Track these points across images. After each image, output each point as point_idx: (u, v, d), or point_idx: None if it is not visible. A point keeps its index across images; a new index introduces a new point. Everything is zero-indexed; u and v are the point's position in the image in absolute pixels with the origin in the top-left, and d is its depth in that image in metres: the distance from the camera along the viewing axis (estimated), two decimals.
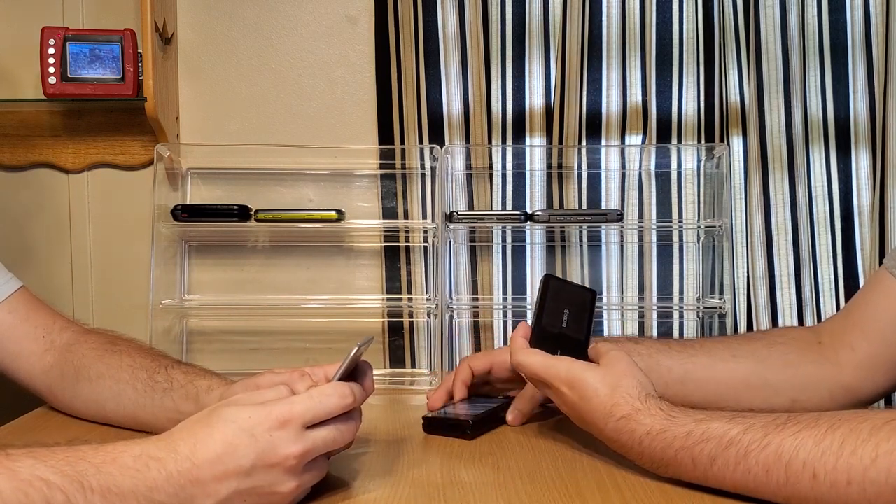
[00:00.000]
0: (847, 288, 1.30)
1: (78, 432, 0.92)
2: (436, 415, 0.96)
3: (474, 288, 1.31)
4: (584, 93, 1.29)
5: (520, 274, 1.31)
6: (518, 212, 1.25)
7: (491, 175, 1.31)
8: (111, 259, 1.35)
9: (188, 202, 1.32)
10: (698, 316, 1.31)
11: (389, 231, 1.32)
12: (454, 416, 0.95)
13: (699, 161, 1.31)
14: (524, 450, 0.87)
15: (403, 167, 1.32)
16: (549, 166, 1.31)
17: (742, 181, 1.30)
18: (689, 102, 1.29)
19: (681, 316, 1.33)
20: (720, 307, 1.25)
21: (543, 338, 0.86)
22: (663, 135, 1.30)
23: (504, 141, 1.31)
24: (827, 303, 1.30)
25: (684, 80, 1.29)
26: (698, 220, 1.31)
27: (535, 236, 1.31)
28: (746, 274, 1.29)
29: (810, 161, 1.30)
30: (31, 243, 1.35)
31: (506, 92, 1.30)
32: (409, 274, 1.32)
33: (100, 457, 0.59)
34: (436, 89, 1.30)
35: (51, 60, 1.21)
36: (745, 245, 1.29)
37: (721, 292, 1.26)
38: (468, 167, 1.31)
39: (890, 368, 0.91)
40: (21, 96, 1.31)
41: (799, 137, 1.27)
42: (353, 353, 0.72)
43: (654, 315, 1.31)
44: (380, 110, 1.31)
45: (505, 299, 1.32)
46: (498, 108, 1.30)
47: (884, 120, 1.25)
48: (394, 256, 1.32)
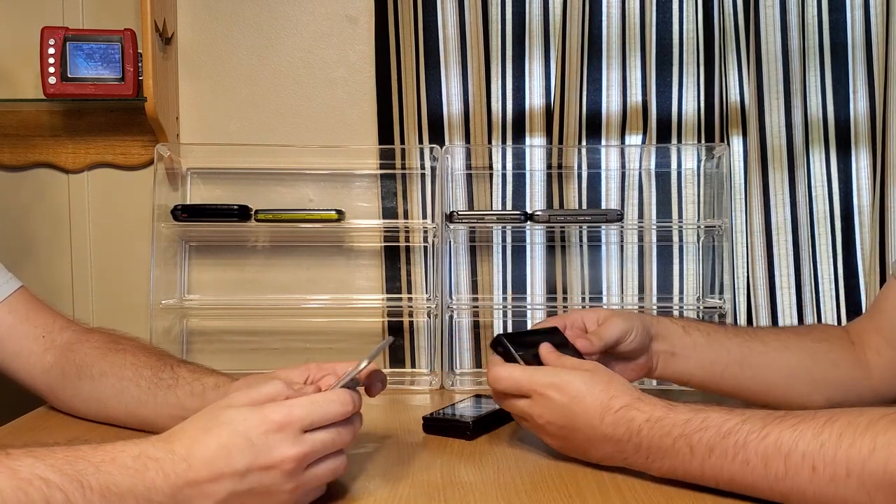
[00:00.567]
0: (847, 288, 1.30)
1: (78, 432, 0.92)
2: (436, 415, 0.96)
3: (474, 288, 1.31)
4: (584, 93, 1.29)
5: (520, 274, 1.31)
6: (518, 212, 1.25)
7: (491, 175, 1.31)
8: (111, 259, 1.35)
9: (188, 202, 1.32)
10: (698, 316, 1.31)
11: (389, 231, 1.32)
12: (454, 417, 0.95)
13: (699, 161, 1.31)
14: (524, 450, 0.87)
15: (403, 167, 1.32)
16: (549, 166, 1.31)
17: (742, 181, 1.30)
18: (689, 102, 1.29)
19: (681, 316, 1.32)
20: (720, 307, 1.25)
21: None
22: (663, 135, 1.30)
23: (504, 141, 1.31)
24: (827, 303, 1.30)
25: (684, 80, 1.29)
26: (698, 220, 1.31)
27: (535, 236, 1.31)
28: (746, 274, 1.29)
29: (810, 161, 1.30)
30: (31, 243, 1.35)
31: (506, 92, 1.30)
32: (409, 274, 1.32)
33: (99, 456, 0.59)
34: (436, 89, 1.30)
35: (51, 60, 1.21)
36: (745, 245, 1.29)
37: (721, 292, 1.26)
38: (468, 167, 1.31)
39: None
40: (21, 96, 1.31)
41: (799, 137, 1.27)
42: (365, 363, 0.72)
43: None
44: (380, 110, 1.31)
45: (505, 299, 1.32)
46: (498, 108, 1.30)
47: (884, 120, 1.25)
48: (394, 256, 1.32)
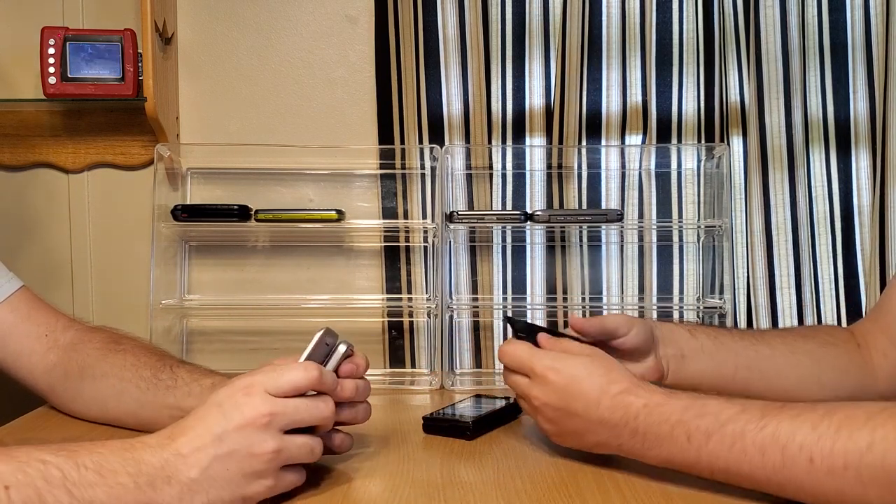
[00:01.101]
0: (847, 288, 1.30)
1: (78, 432, 0.92)
2: (436, 415, 0.96)
3: (474, 288, 1.31)
4: (584, 93, 1.29)
5: (520, 274, 1.31)
6: (518, 212, 1.25)
7: (491, 175, 1.31)
8: (111, 259, 1.35)
9: (188, 202, 1.32)
10: (698, 316, 1.31)
11: (389, 231, 1.32)
12: (454, 417, 0.95)
13: (699, 161, 1.31)
14: (524, 450, 0.87)
15: (403, 167, 1.32)
16: (549, 166, 1.31)
17: (742, 181, 1.30)
18: (689, 102, 1.29)
19: (681, 316, 1.32)
20: (720, 307, 1.25)
21: None
22: (663, 135, 1.30)
23: (504, 141, 1.31)
24: (827, 303, 1.30)
25: (684, 80, 1.29)
26: (698, 220, 1.31)
27: (535, 236, 1.31)
28: (746, 274, 1.29)
29: (810, 161, 1.30)
30: (31, 243, 1.35)
31: (506, 92, 1.30)
32: (409, 274, 1.32)
33: (90, 443, 0.63)
34: (436, 89, 1.30)
35: (51, 60, 1.21)
36: (745, 245, 1.29)
37: (721, 292, 1.26)
38: (468, 167, 1.31)
39: None
40: (21, 96, 1.31)
41: (799, 137, 1.27)
42: (317, 339, 0.74)
43: (655, 315, 1.31)
44: (380, 110, 1.31)
45: (505, 299, 1.32)
46: (498, 108, 1.30)
47: (884, 120, 1.25)
48: (394, 256, 1.32)
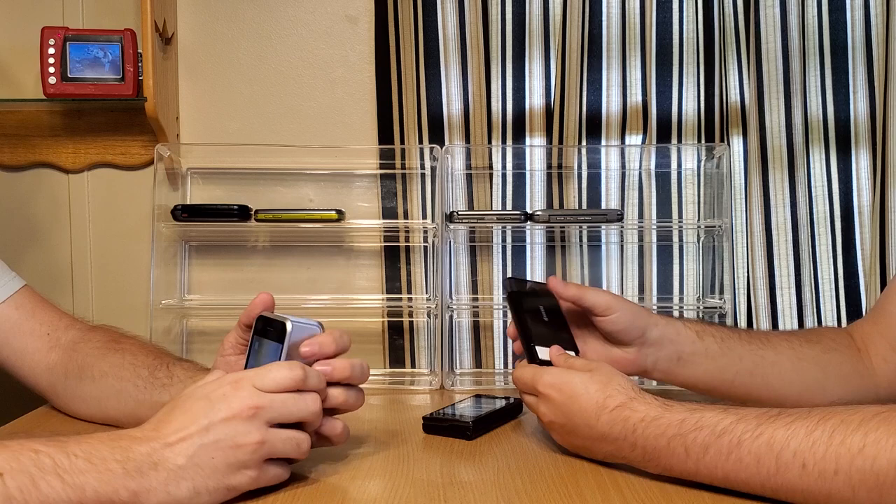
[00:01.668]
0: (847, 288, 1.30)
1: (76, 431, 0.91)
2: (436, 415, 0.96)
3: (474, 288, 1.31)
4: (584, 93, 1.29)
5: (520, 274, 1.31)
6: (518, 212, 1.25)
7: (491, 175, 1.31)
8: (111, 259, 1.35)
9: (188, 202, 1.32)
10: (698, 316, 1.31)
11: (389, 231, 1.32)
12: (454, 417, 0.95)
13: (699, 161, 1.31)
14: (524, 450, 0.87)
15: (403, 167, 1.32)
16: (549, 166, 1.31)
17: (742, 181, 1.30)
18: (689, 102, 1.29)
19: (681, 316, 1.32)
20: (720, 307, 1.25)
21: (530, 330, 0.90)
22: (663, 135, 1.30)
23: (504, 141, 1.31)
24: (827, 303, 1.30)
25: (684, 80, 1.29)
26: (698, 220, 1.30)
27: (535, 236, 1.31)
28: (746, 274, 1.29)
29: (810, 161, 1.30)
30: (31, 243, 1.35)
31: (506, 92, 1.30)
32: (409, 274, 1.31)
33: (77, 436, 0.65)
34: (436, 89, 1.30)
35: (51, 60, 1.21)
36: (745, 245, 1.29)
37: (721, 292, 1.26)
38: (468, 167, 1.31)
39: None
40: (21, 96, 1.31)
41: (799, 137, 1.27)
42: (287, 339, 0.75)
43: None
44: (380, 110, 1.31)
45: (505, 299, 1.32)
46: (498, 108, 1.30)
47: (884, 120, 1.25)
48: (394, 256, 1.32)
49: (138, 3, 1.24)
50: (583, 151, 1.31)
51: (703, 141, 1.29)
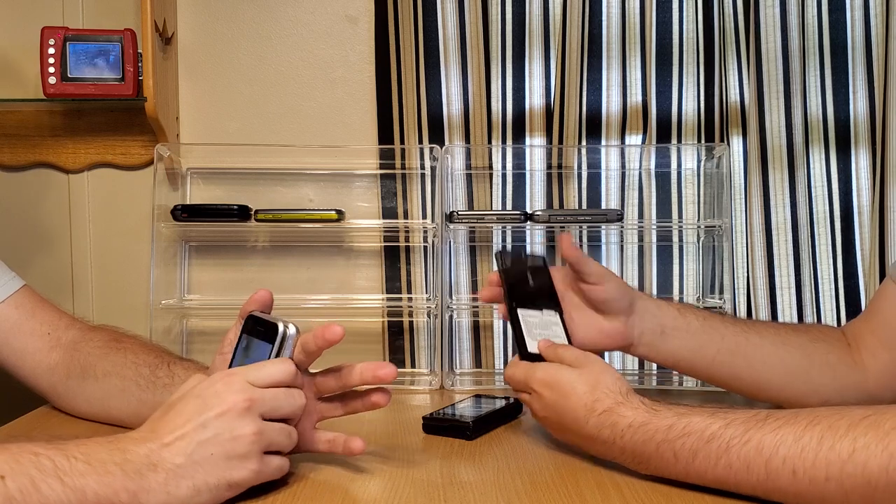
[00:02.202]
0: (847, 288, 1.30)
1: (78, 431, 0.92)
2: (436, 415, 0.96)
3: (474, 288, 1.31)
4: (584, 93, 1.29)
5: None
6: (518, 212, 1.25)
7: (491, 175, 1.31)
8: (111, 259, 1.35)
9: (188, 202, 1.32)
10: None
11: (389, 231, 1.32)
12: (454, 417, 0.95)
13: (699, 161, 1.31)
14: (524, 450, 0.87)
15: (403, 167, 1.32)
16: (549, 166, 1.31)
17: (742, 181, 1.30)
18: (689, 102, 1.29)
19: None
20: (720, 307, 1.25)
21: (518, 294, 0.91)
22: (663, 135, 1.30)
23: (504, 141, 1.31)
24: (827, 303, 1.30)
25: (684, 80, 1.29)
26: (698, 220, 1.31)
27: (535, 236, 1.31)
28: (746, 274, 1.29)
29: (810, 161, 1.30)
30: (31, 243, 1.35)
31: (506, 92, 1.30)
32: (409, 274, 1.32)
33: (76, 440, 0.65)
34: (436, 89, 1.30)
35: (51, 60, 1.21)
36: (745, 245, 1.29)
37: (721, 292, 1.26)
38: (468, 167, 1.31)
39: None
40: (21, 96, 1.31)
41: (799, 137, 1.27)
42: (290, 339, 0.74)
43: None
44: (380, 110, 1.31)
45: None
46: (498, 108, 1.30)
47: (884, 120, 1.25)
48: (394, 256, 1.32)
49: (138, 3, 1.24)
50: (583, 151, 1.31)
51: (703, 141, 1.29)
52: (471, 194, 1.31)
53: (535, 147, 1.31)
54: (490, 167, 1.31)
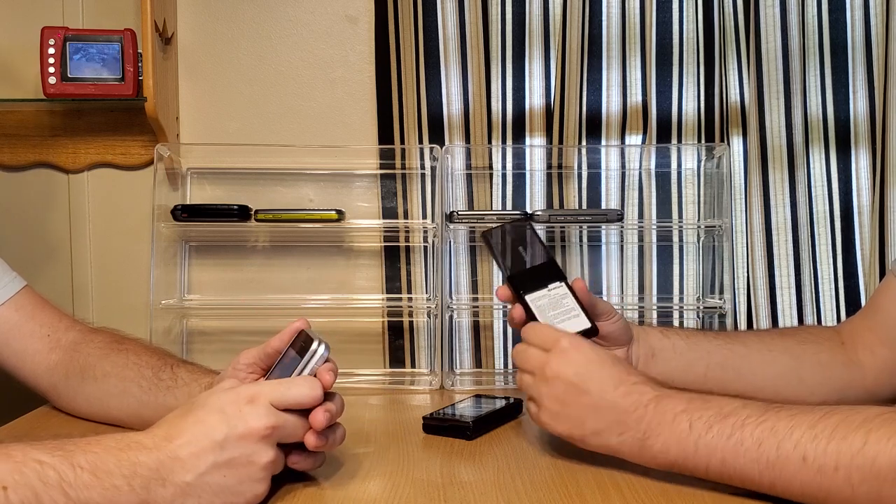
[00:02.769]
0: (847, 288, 1.30)
1: (79, 431, 0.91)
2: (436, 415, 0.96)
3: (474, 288, 1.31)
4: (584, 93, 1.29)
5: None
6: (518, 212, 1.25)
7: (491, 175, 1.31)
8: (111, 259, 1.35)
9: (188, 202, 1.32)
10: (698, 316, 1.31)
11: (389, 231, 1.32)
12: (454, 417, 0.95)
13: (699, 161, 1.31)
14: (524, 450, 0.87)
15: (403, 167, 1.32)
16: (549, 166, 1.31)
17: (742, 181, 1.30)
18: (689, 102, 1.29)
19: (681, 316, 1.32)
20: (720, 307, 1.25)
21: (520, 280, 0.90)
22: (663, 135, 1.30)
23: (504, 141, 1.31)
24: (827, 303, 1.30)
25: (684, 80, 1.29)
26: (698, 220, 1.31)
27: None
28: (746, 274, 1.29)
29: (810, 161, 1.30)
30: (31, 243, 1.35)
31: (506, 92, 1.30)
32: (409, 274, 1.32)
33: (84, 441, 0.64)
34: (436, 89, 1.30)
35: (51, 60, 1.21)
36: (745, 245, 1.29)
37: (721, 292, 1.26)
38: (468, 167, 1.31)
39: None
40: (21, 96, 1.31)
41: (799, 137, 1.27)
42: (318, 356, 0.73)
43: (655, 315, 1.31)
44: (380, 110, 1.31)
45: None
46: (498, 108, 1.30)
47: (884, 120, 1.25)
48: (394, 256, 1.32)
49: (138, 3, 1.24)
50: (583, 151, 1.31)
51: (703, 141, 1.29)
52: (471, 194, 1.31)
53: (535, 147, 1.31)
54: (490, 167, 1.31)
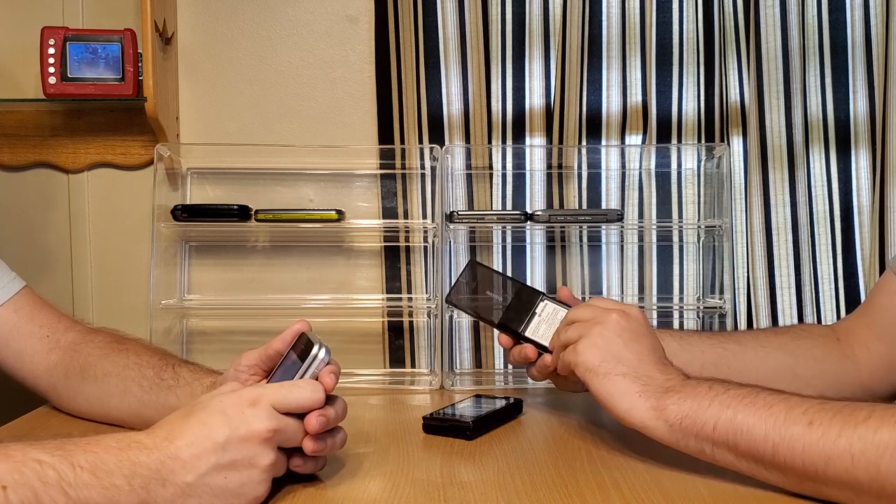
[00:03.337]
0: (847, 288, 1.30)
1: (79, 431, 0.91)
2: (436, 415, 0.96)
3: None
4: (584, 93, 1.29)
5: (520, 274, 1.31)
6: (518, 212, 1.25)
7: (491, 175, 1.31)
8: (111, 259, 1.35)
9: (188, 202, 1.32)
10: (698, 316, 1.31)
11: (389, 231, 1.32)
12: (454, 417, 0.95)
13: (699, 161, 1.31)
14: (524, 450, 0.87)
15: (403, 167, 1.32)
16: (549, 166, 1.31)
17: (742, 181, 1.30)
18: (689, 102, 1.29)
19: (681, 316, 1.33)
20: (720, 307, 1.25)
21: (509, 322, 0.95)
22: (663, 135, 1.30)
23: (504, 141, 1.31)
24: (827, 303, 1.30)
25: (684, 80, 1.29)
26: (698, 220, 1.31)
27: (535, 236, 1.31)
28: (746, 274, 1.29)
29: (810, 161, 1.30)
30: (31, 243, 1.35)
31: (506, 92, 1.30)
32: (409, 274, 1.31)
33: (84, 441, 0.64)
34: (436, 89, 1.30)
35: (51, 60, 1.21)
36: (745, 245, 1.29)
37: (721, 292, 1.26)
38: (468, 167, 1.31)
39: None
40: (21, 96, 1.31)
41: (799, 137, 1.27)
42: (319, 359, 0.73)
43: (655, 315, 1.31)
44: (380, 110, 1.31)
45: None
46: (498, 108, 1.30)
47: (884, 120, 1.25)
48: (394, 256, 1.32)
49: (138, 3, 1.23)
50: (583, 151, 1.31)
51: (703, 141, 1.29)
52: (471, 194, 1.31)
53: (535, 147, 1.31)
54: (490, 167, 1.31)
